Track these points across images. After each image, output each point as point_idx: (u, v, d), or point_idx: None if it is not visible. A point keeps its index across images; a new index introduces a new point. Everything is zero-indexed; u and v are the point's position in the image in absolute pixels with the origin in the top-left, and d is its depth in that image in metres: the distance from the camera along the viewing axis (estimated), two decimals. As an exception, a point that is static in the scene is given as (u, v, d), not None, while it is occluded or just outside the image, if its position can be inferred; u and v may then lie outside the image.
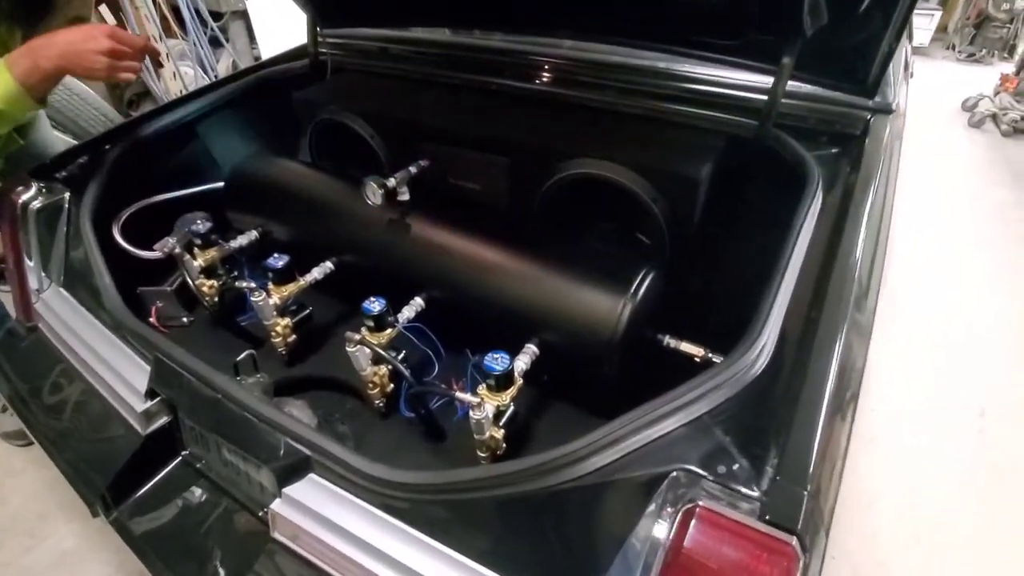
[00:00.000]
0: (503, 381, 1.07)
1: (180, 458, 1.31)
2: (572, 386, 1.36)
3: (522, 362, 1.17)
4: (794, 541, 0.63)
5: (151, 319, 1.67)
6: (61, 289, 1.51)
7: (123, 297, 1.64)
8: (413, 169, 1.44)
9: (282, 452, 1.04)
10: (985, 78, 5.27)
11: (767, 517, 0.65)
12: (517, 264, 1.26)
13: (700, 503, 0.68)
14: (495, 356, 1.07)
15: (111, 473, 1.25)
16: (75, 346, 1.40)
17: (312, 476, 1.02)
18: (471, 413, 1.05)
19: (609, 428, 0.79)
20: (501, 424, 1.13)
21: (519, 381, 1.12)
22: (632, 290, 1.15)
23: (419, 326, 1.29)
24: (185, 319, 1.69)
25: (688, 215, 1.32)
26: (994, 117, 4.77)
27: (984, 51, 6.34)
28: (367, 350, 1.20)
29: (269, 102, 1.98)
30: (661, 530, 0.69)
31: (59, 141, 2.04)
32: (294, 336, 1.46)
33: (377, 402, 1.31)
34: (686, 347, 1.20)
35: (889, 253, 1.15)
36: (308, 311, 1.48)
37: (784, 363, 0.85)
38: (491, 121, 1.55)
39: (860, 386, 0.91)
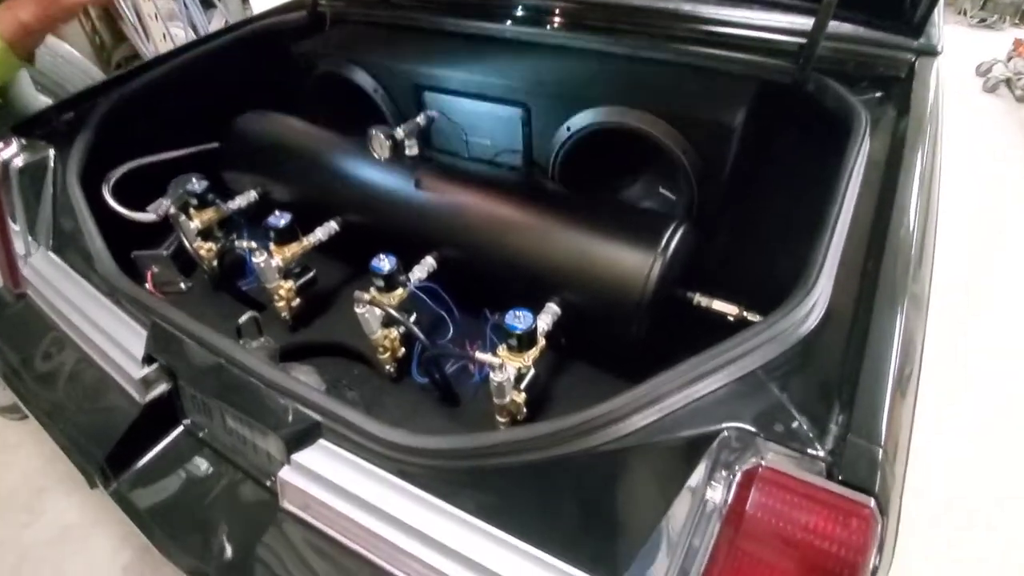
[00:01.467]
0: (525, 341, 1.00)
1: (182, 427, 1.24)
2: (594, 349, 1.28)
3: (544, 322, 1.09)
4: (871, 502, 0.56)
5: (147, 285, 1.59)
6: (50, 253, 1.43)
7: (116, 262, 1.56)
8: (421, 120, 1.34)
9: (290, 418, 0.97)
10: (998, 43, 5.13)
11: (840, 477, 0.59)
12: (537, 218, 1.18)
13: (763, 463, 0.61)
14: (517, 314, 0.99)
15: (110, 443, 1.19)
16: (67, 313, 1.32)
17: (322, 442, 0.96)
18: (492, 375, 0.98)
19: (651, 385, 0.72)
20: (523, 388, 1.06)
21: (541, 342, 1.04)
22: (663, 244, 1.06)
23: (432, 286, 1.21)
24: (183, 285, 1.61)
25: (719, 167, 1.23)
26: (1008, 82, 4.68)
27: (996, 16, 6.17)
28: (377, 311, 1.12)
29: (266, 56, 1.86)
30: (716, 494, 0.62)
31: (43, 104, 1.93)
32: (298, 300, 1.39)
33: (388, 367, 1.24)
34: (719, 305, 1.13)
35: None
36: (312, 274, 1.40)
37: (840, 318, 0.78)
38: (504, 70, 1.44)
39: (920, 368, 0.83)
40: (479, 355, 1.00)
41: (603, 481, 0.75)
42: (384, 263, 1.13)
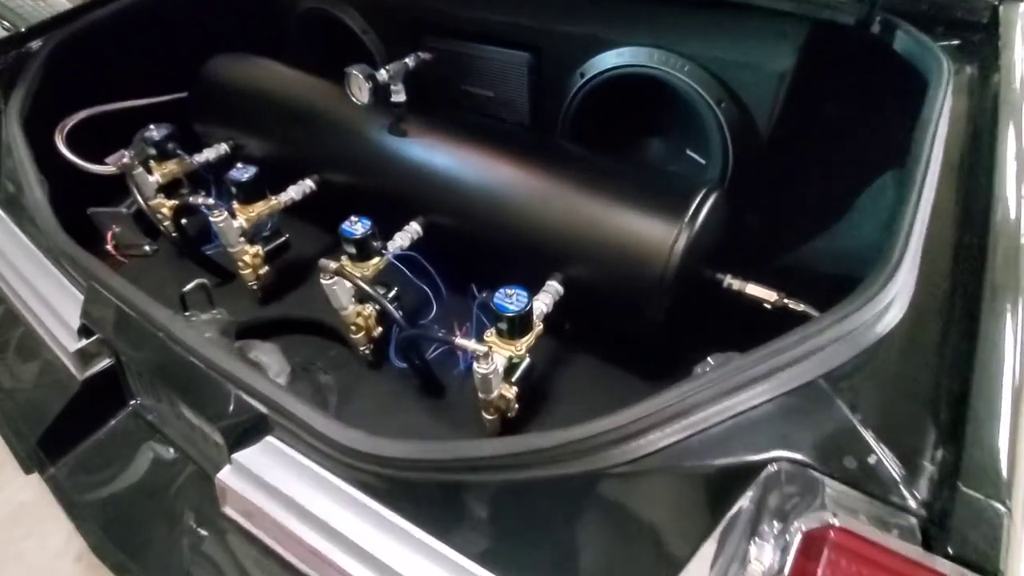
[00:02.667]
0: (518, 325, 0.82)
1: (129, 408, 1.09)
2: (604, 336, 1.10)
3: (543, 303, 0.91)
4: (995, 592, 0.39)
5: (107, 246, 1.43)
6: (-8, 206, 1.27)
7: (71, 219, 1.40)
8: (410, 62, 1.15)
9: (231, 408, 0.81)
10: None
11: (949, 549, 0.41)
12: (539, 178, 0.99)
13: (834, 522, 0.43)
14: (509, 293, 0.82)
15: (44, 423, 1.04)
16: (5, 273, 1.17)
17: (270, 440, 0.79)
18: (475, 366, 0.80)
19: (677, 393, 0.54)
20: (514, 380, 0.89)
21: (538, 327, 0.87)
22: (690, 212, 0.87)
23: (413, 255, 1.04)
24: (147, 247, 1.45)
25: (761, 123, 1.03)
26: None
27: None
28: (347, 284, 0.95)
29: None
30: (763, 556, 0.45)
31: None
32: (266, 268, 1.22)
33: (363, 348, 1.07)
34: (754, 290, 0.94)
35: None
36: (283, 239, 1.22)
37: (930, 315, 0.59)
38: (509, 6, 1.23)
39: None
40: (460, 340, 0.83)
41: (605, 515, 0.58)
42: (356, 227, 0.96)
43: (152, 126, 1.28)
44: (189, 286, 0.98)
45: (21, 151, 1.18)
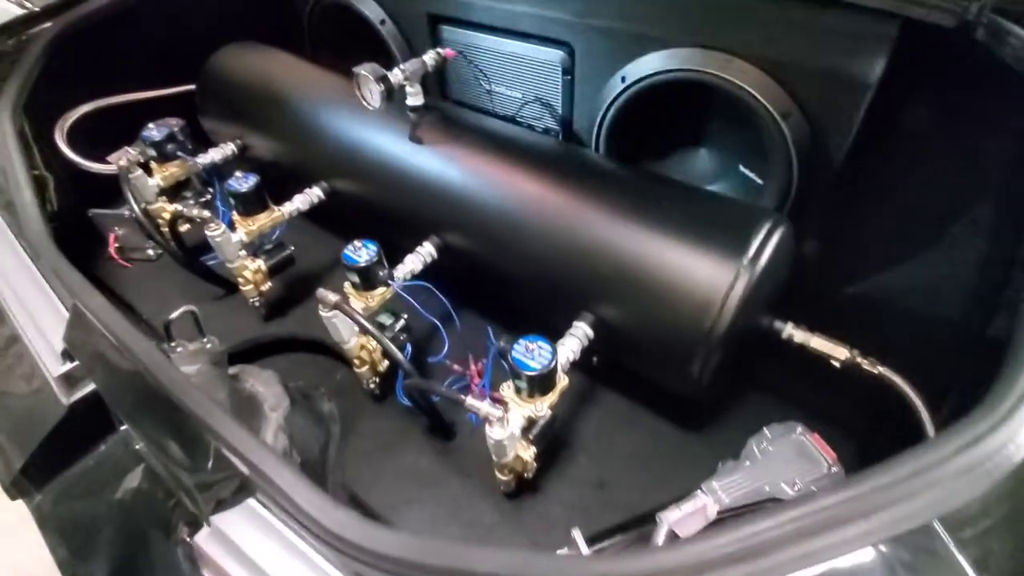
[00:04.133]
0: (540, 384, 0.70)
1: (118, 434, 1.02)
2: (636, 375, 0.98)
3: (569, 349, 0.79)
4: None
5: (110, 249, 1.36)
6: (-10, 207, 1.20)
7: (74, 221, 1.33)
8: (429, 60, 1.02)
9: (210, 463, 0.71)
10: None
11: None
12: (570, 203, 0.86)
13: None
14: (530, 347, 0.69)
15: (29, 448, 0.98)
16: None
17: (252, 504, 0.70)
18: (488, 431, 0.69)
19: (737, 536, 0.41)
20: (532, 437, 0.77)
21: (563, 381, 0.74)
22: (751, 253, 0.73)
23: (425, 285, 0.92)
24: (151, 251, 1.37)
25: (837, 140, 0.87)
26: None
27: None
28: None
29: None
30: None
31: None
32: (269, 284, 1.12)
33: (368, 383, 0.97)
34: (820, 344, 0.80)
35: None
36: (287, 252, 1.12)
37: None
38: (543, -3, 1.09)
39: None
40: (471, 402, 0.71)
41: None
42: (360, 253, 0.84)
43: (152, 125, 1.19)
44: (174, 314, 0.89)
45: (11, 149, 1.10)
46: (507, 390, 0.73)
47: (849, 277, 0.97)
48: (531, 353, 0.69)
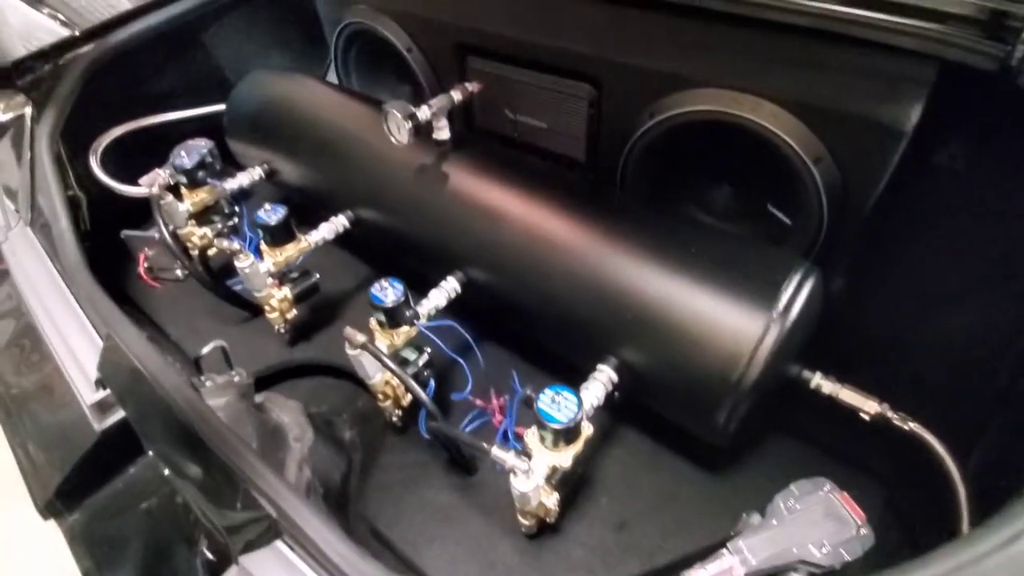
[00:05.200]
0: (565, 435, 0.70)
1: (148, 456, 1.04)
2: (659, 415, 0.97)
3: (594, 395, 0.79)
4: None
5: (140, 270, 1.39)
6: (28, 229, 1.24)
7: (108, 240, 1.35)
8: (456, 95, 1.02)
9: (239, 503, 0.73)
10: None
11: None
12: (597, 244, 0.85)
13: None
14: (556, 398, 0.69)
15: (63, 472, 1.00)
16: (33, 304, 1.13)
17: (279, 546, 0.71)
18: (513, 482, 0.69)
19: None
20: (556, 482, 0.77)
21: (588, 430, 0.74)
22: (783, 303, 0.72)
23: (450, 323, 0.93)
24: (179, 272, 1.40)
25: (868, 186, 0.86)
26: None
27: None
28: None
29: (290, 3, 1.57)
30: None
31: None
32: (295, 311, 1.14)
33: (391, 416, 0.98)
34: (849, 396, 0.79)
35: None
36: (313, 280, 1.13)
37: None
38: (572, 31, 1.09)
39: None
40: (497, 452, 0.71)
41: None
42: (387, 293, 0.85)
43: (183, 152, 1.21)
44: (205, 350, 0.90)
45: (50, 177, 1.13)
46: (531, 437, 0.74)
47: (877, 321, 0.96)
48: (557, 405, 0.69)
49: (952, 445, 0.75)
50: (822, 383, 0.80)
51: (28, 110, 1.23)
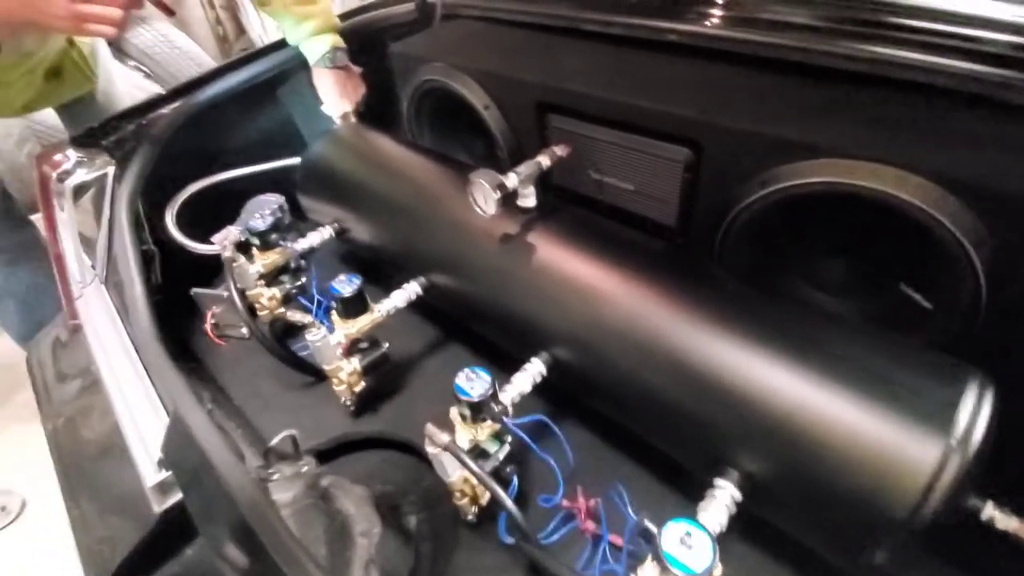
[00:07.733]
0: (693, 579, 0.59)
1: (202, 542, 0.97)
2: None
3: (717, 522, 0.67)
4: None
5: (205, 326, 1.36)
6: (103, 287, 1.23)
7: (181, 296, 1.33)
8: (544, 161, 0.95)
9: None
10: None
11: None
12: (715, 335, 0.74)
13: None
14: (686, 533, 0.58)
15: (118, 556, 0.95)
16: (102, 366, 1.11)
17: None
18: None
19: None
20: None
21: (718, 569, 0.62)
22: (962, 427, 0.59)
23: (542, 419, 0.83)
24: (244, 330, 1.36)
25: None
26: None
27: None
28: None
29: (368, 57, 1.57)
30: None
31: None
32: (363, 384, 1.07)
33: (467, 515, 0.88)
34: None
35: None
36: (383, 350, 1.07)
37: None
38: (668, 90, 1.01)
39: None
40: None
41: None
42: (474, 385, 0.76)
43: (258, 214, 1.18)
44: (275, 440, 0.84)
45: (127, 241, 1.12)
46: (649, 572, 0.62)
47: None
48: (685, 545, 0.57)
49: None
50: (994, 514, 0.65)
51: (111, 170, 1.24)
